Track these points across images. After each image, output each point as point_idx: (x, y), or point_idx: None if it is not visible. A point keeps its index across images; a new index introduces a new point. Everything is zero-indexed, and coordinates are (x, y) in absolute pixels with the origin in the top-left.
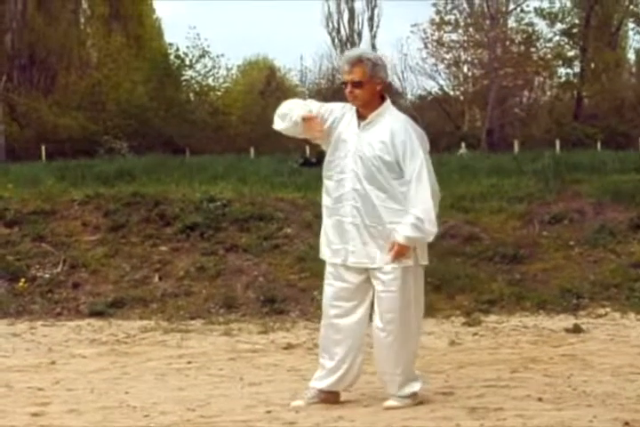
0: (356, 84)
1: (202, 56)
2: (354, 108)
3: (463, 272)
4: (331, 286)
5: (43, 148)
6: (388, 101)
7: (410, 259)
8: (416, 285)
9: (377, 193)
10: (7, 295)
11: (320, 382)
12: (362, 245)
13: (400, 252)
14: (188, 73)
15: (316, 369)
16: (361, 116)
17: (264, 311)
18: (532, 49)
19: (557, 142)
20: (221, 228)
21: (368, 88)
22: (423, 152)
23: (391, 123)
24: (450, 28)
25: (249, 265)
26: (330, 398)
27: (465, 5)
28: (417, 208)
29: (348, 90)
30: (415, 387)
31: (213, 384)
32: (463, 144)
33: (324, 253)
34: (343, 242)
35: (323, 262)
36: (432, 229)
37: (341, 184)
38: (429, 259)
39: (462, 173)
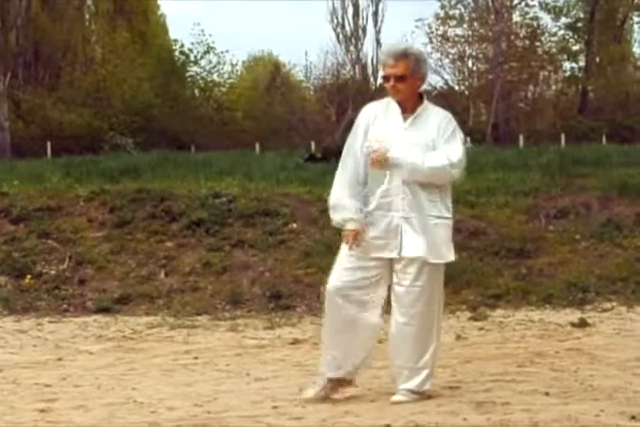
0: (399, 79)
1: (206, 52)
2: (391, 102)
3: (469, 267)
4: (348, 271)
5: (48, 144)
6: (426, 99)
7: (442, 257)
8: (439, 280)
9: (424, 185)
10: (13, 292)
11: (330, 371)
12: (410, 238)
13: (378, 158)
14: (193, 69)
15: (323, 362)
16: (404, 111)
17: (270, 307)
18: (537, 43)
19: (562, 136)
20: (227, 223)
21: (410, 83)
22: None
23: (437, 115)
24: (454, 22)
25: (255, 261)
26: (343, 384)
27: (469, 0)
28: (430, 158)
29: (390, 84)
30: (429, 384)
31: (220, 380)
32: (468, 139)
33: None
34: (391, 237)
35: (329, 258)
36: (420, 169)
37: (389, 178)
38: None
39: (468, 168)
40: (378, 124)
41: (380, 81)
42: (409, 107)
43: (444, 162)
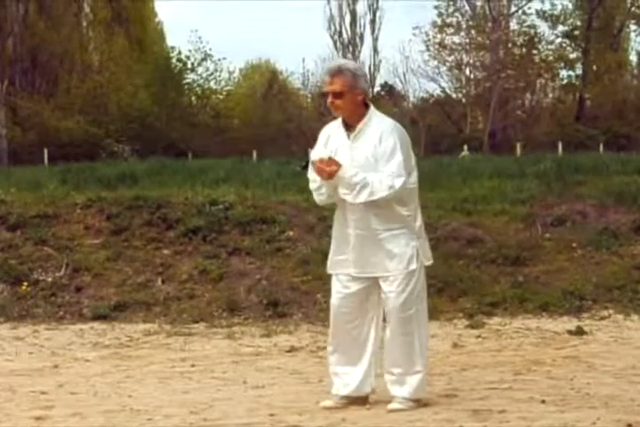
0: (337, 95)
1: (204, 59)
2: (339, 120)
3: (466, 274)
4: (339, 294)
5: (45, 151)
6: (372, 108)
7: (413, 264)
8: (419, 286)
9: (373, 202)
10: (10, 299)
11: (344, 389)
12: (364, 255)
13: (330, 171)
14: (190, 76)
15: (320, 372)
16: (348, 127)
17: (267, 314)
18: (534, 51)
19: (559, 144)
20: (224, 231)
21: (349, 98)
22: (403, 153)
23: (380, 125)
24: (452, 30)
25: (252, 268)
26: (357, 402)
27: (467, 8)
28: (374, 183)
29: (329, 100)
30: (423, 391)
31: (216, 387)
32: (465, 146)
33: (330, 265)
34: (346, 253)
35: (326, 265)
36: (360, 196)
37: (342, 197)
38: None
39: (464, 176)
40: (330, 143)
41: (377, 88)
42: (354, 122)
43: (380, 193)
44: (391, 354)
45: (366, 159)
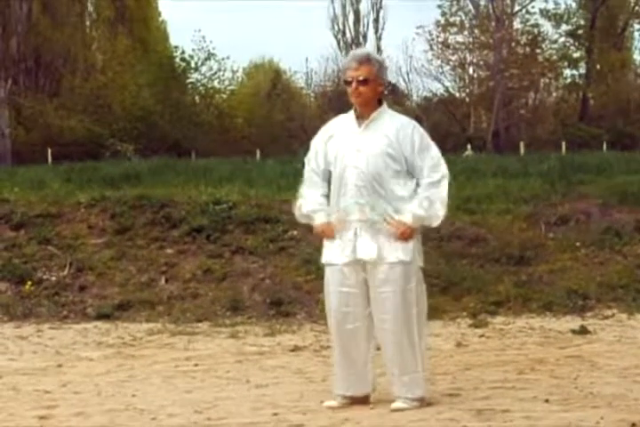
0: (362, 82)
1: (207, 59)
2: (349, 113)
3: (469, 274)
4: (336, 293)
5: (49, 151)
6: (385, 105)
7: (408, 256)
8: (417, 286)
9: (378, 188)
10: (14, 298)
11: (348, 390)
12: (365, 240)
13: (405, 232)
14: (194, 76)
15: (323, 371)
16: (360, 117)
17: (270, 314)
18: (538, 50)
19: (563, 144)
20: (227, 230)
21: (372, 86)
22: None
23: (395, 120)
24: (455, 29)
25: (255, 267)
26: (360, 401)
27: (470, 7)
28: (429, 191)
29: (352, 86)
30: (424, 390)
31: (220, 387)
32: (469, 146)
33: (327, 256)
34: (346, 239)
35: None
36: (440, 211)
37: (344, 182)
38: (436, 261)
39: (468, 175)
40: (337, 134)
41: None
42: (366, 113)
43: (444, 195)
44: (392, 354)
45: (377, 148)
